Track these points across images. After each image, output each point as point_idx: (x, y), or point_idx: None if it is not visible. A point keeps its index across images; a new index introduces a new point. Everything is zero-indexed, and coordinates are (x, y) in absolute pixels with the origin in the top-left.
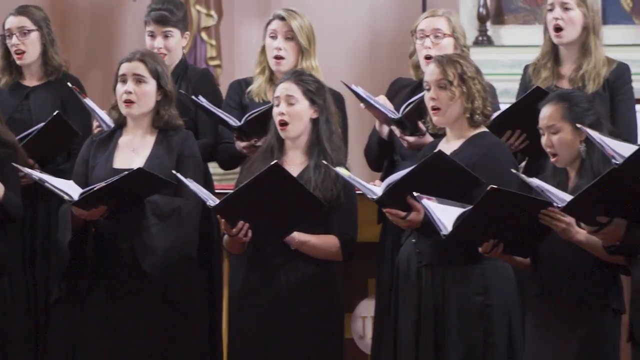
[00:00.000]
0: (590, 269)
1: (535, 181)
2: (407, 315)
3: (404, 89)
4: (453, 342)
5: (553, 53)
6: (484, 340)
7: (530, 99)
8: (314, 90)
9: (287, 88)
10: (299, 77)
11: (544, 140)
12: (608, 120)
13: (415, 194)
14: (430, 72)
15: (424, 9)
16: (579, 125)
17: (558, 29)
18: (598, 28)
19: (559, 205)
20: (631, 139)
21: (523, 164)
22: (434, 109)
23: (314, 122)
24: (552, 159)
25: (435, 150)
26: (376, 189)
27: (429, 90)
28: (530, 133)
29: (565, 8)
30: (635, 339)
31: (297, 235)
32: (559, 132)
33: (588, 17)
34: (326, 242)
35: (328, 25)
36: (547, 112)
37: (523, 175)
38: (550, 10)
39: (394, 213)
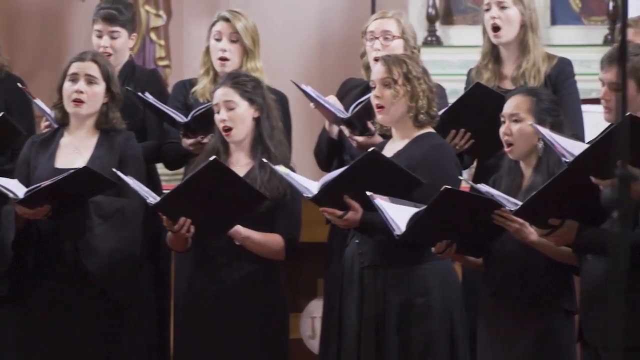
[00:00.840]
0: (542, 270)
1: (483, 187)
2: (351, 316)
3: (354, 89)
4: (394, 344)
5: (493, 54)
6: (425, 342)
7: (472, 96)
8: (251, 90)
9: (224, 94)
10: (234, 79)
11: (503, 128)
12: (570, 128)
13: (368, 193)
14: (377, 70)
15: (373, 10)
16: (529, 123)
17: (496, 28)
18: (536, 25)
19: (511, 209)
20: (579, 132)
21: (474, 165)
22: (379, 107)
23: (256, 121)
24: (507, 149)
25: (371, 149)
26: (313, 187)
27: (374, 88)
28: (475, 132)
29: (502, 7)
30: (585, 339)
31: (242, 230)
32: (520, 122)
33: (525, 14)
34: (270, 239)
35: (277, 25)
36: (514, 101)
37: (470, 182)
38: (487, 10)
39: (330, 212)
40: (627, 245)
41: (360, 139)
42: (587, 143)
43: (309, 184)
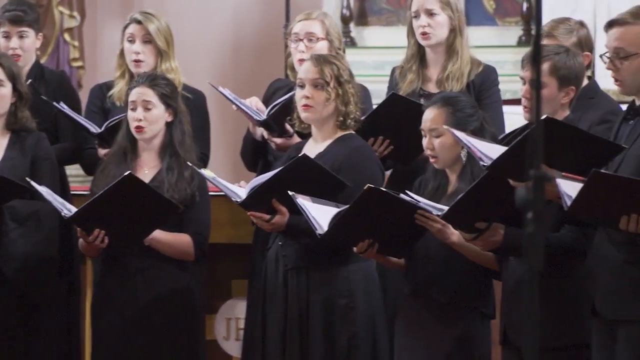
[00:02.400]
0: (462, 272)
1: (407, 196)
2: (274, 318)
3: (280, 90)
4: (318, 346)
5: (419, 56)
6: (349, 343)
7: (388, 106)
8: (169, 94)
9: (143, 93)
10: (154, 81)
11: (425, 142)
12: (491, 124)
13: (290, 193)
14: (306, 69)
15: (287, 10)
16: (445, 127)
17: (425, 34)
18: (463, 29)
19: (438, 215)
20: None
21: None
22: (307, 106)
23: (168, 125)
24: (432, 160)
25: (301, 154)
26: (241, 191)
27: (302, 87)
28: (394, 139)
29: (431, 14)
30: (510, 340)
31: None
32: (440, 135)
33: (454, 18)
34: (179, 240)
35: (192, 25)
36: (430, 115)
37: (390, 191)
38: (416, 17)
39: (258, 216)
40: (542, 246)
41: (278, 140)
42: (505, 146)
43: (236, 188)
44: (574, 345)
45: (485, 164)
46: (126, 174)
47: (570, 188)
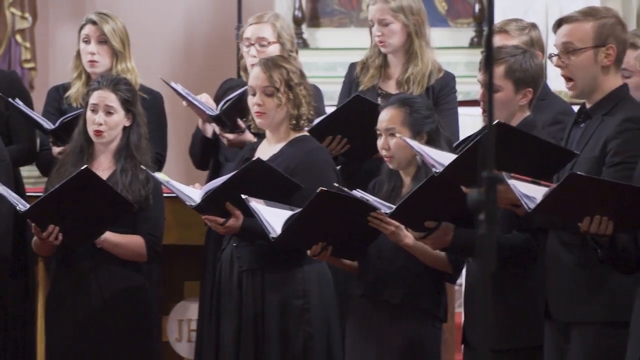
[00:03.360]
0: (414, 274)
1: (358, 193)
2: (229, 319)
3: (233, 90)
4: (273, 347)
5: (382, 54)
6: (304, 344)
7: (350, 107)
8: (130, 99)
9: (105, 97)
10: (117, 85)
11: (380, 142)
12: (446, 128)
13: (243, 196)
14: (256, 76)
15: (239, 10)
16: (398, 135)
17: (382, 42)
18: (422, 31)
19: (386, 212)
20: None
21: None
22: (259, 113)
23: (126, 128)
24: (386, 160)
25: (254, 157)
26: (195, 194)
27: (254, 95)
28: (350, 137)
29: (385, 24)
30: (467, 341)
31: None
32: (396, 135)
33: (409, 23)
34: (131, 241)
35: (144, 25)
36: (387, 115)
37: (345, 189)
38: (372, 25)
39: (212, 219)
40: (494, 247)
41: (230, 136)
42: (457, 153)
43: (190, 191)
44: (527, 347)
45: (437, 171)
46: (83, 168)
47: (526, 189)
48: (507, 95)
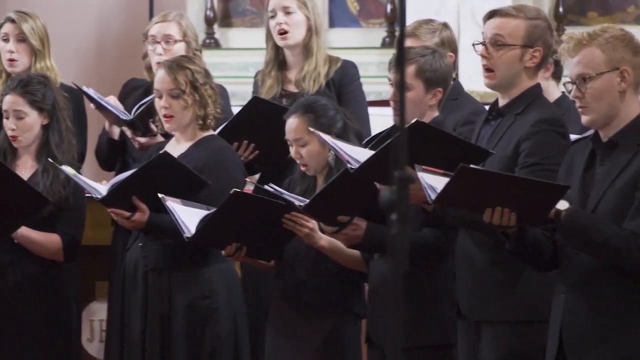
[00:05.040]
0: (332, 274)
1: (270, 187)
2: (134, 319)
3: (136, 90)
4: (180, 347)
5: (277, 60)
6: (211, 344)
7: (251, 110)
8: (41, 99)
9: (13, 102)
10: (25, 87)
11: (292, 152)
12: (354, 121)
13: (160, 195)
14: (161, 79)
15: (151, 11)
16: (311, 129)
17: (283, 32)
18: (320, 30)
19: (300, 205)
20: (367, 135)
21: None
22: (166, 116)
23: (45, 127)
24: (303, 169)
25: (162, 152)
26: (102, 188)
27: (160, 97)
28: (258, 143)
29: (288, 12)
30: (371, 339)
31: (19, 229)
32: (307, 144)
33: (311, 18)
34: (49, 239)
35: (56, 25)
36: (292, 125)
37: (256, 183)
38: (273, 16)
39: (118, 213)
40: (406, 246)
41: (142, 140)
42: (372, 149)
43: (98, 185)
44: (436, 345)
45: (353, 167)
46: None
47: (432, 181)
48: (417, 94)
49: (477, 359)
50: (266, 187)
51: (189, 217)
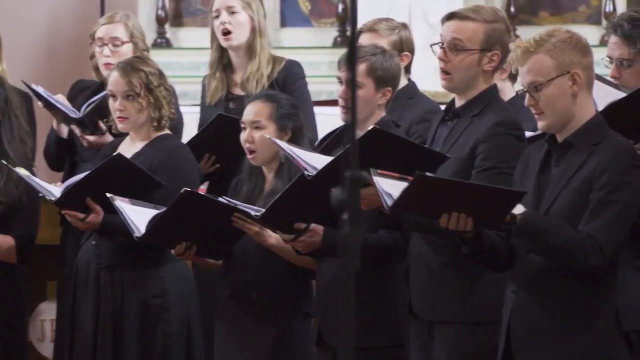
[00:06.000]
0: (281, 273)
1: (224, 199)
2: (85, 318)
3: (85, 90)
4: (132, 346)
5: (222, 62)
6: (162, 343)
7: (215, 126)
8: None
9: None
10: None
11: (244, 135)
12: (310, 130)
13: (108, 195)
14: (115, 81)
15: (102, 11)
16: (268, 136)
17: (226, 32)
18: (264, 31)
19: (256, 215)
20: (313, 134)
21: None
22: (121, 118)
23: None
24: (249, 156)
25: (115, 153)
26: (55, 190)
27: (114, 98)
28: (219, 155)
29: (232, 12)
30: (325, 340)
31: None
32: (262, 129)
33: (255, 19)
34: (1, 241)
35: (6, 25)
36: (254, 108)
37: (207, 194)
38: (217, 16)
39: (72, 214)
40: (358, 246)
41: (91, 138)
42: (322, 150)
43: (51, 187)
44: (387, 345)
45: (310, 174)
46: None
47: (388, 186)
48: (367, 93)
49: (430, 359)
50: (220, 199)
51: (138, 216)
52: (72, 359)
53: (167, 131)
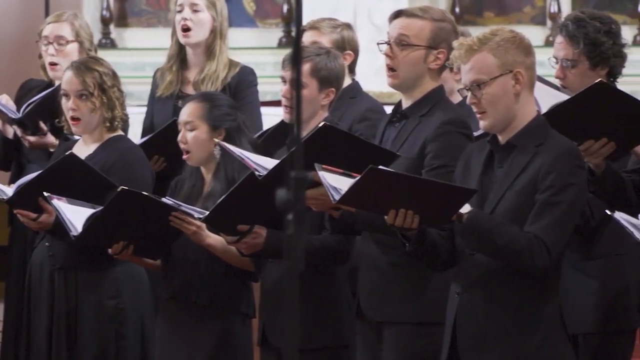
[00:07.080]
0: (220, 274)
1: (168, 200)
2: (40, 319)
3: (33, 90)
4: (86, 347)
5: (179, 57)
6: (117, 344)
7: (168, 131)
8: None
9: None
10: None
11: (179, 135)
12: (251, 130)
13: (45, 194)
14: (69, 80)
15: (47, 10)
16: (216, 140)
17: (186, 29)
18: (225, 33)
19: (200, 218)
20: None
21: None
22: (73, 118)
23: None
24: (184, 156)
25: (67, 153)
26: (8, 189)
27: (67, 98)
28: (168, 157)
29: (195, 10)
30: (269, 340)
31: None
32: (195, 129)
33: (217, 20)
34: None
35: None
36: (188, 109)
37: (144, 193)
38: (180, 11)
39: (24, 214)
40: (302, 247)
41: (32, 138)
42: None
43: (3, 186)
44: (332, 346)
45: (260, 175)
46: None
47: (335, 181)
48: (311, 93)
49: (377, 359)
50: (164, 199)
51: (75, 215)
52: None
53: (120, 132)
